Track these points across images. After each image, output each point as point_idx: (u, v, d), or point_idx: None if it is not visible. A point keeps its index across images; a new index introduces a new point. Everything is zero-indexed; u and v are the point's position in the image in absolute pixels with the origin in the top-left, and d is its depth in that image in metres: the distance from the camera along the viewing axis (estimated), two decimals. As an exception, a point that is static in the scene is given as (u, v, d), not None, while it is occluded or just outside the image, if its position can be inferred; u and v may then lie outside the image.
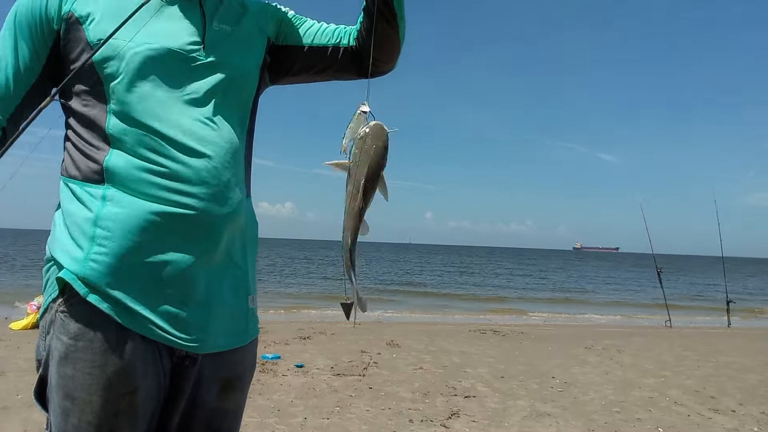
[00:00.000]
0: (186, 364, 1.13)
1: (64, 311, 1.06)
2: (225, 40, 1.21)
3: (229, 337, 1.18)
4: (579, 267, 52.30)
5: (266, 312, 12.49)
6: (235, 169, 1.17)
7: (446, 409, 4.26)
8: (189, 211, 1.08)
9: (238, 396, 1.23)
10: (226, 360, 1.18)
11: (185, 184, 1.09)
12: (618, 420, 4.17)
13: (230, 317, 1.18)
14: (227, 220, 1.14)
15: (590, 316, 14.40)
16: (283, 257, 47.74)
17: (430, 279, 26.37)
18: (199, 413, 1.17)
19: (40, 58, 1.13)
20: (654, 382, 5.49)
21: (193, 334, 1.10)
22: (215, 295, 1.14)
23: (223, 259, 1.16)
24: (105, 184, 1.08)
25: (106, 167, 1.09)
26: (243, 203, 1.20)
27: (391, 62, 1.33)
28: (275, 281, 22.51)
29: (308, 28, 1.35)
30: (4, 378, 4.66)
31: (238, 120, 1.22)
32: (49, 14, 1.12)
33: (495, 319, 12.03)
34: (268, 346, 6.50)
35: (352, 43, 1.33)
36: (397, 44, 1.29)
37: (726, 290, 12.16)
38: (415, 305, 15.59)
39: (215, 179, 1.12)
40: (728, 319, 11.71)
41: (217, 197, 1.12)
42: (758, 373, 6.08)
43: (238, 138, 1.20)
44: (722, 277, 12.75)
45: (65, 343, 1.05)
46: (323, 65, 1.35)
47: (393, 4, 1.23)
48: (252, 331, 1.25)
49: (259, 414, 3.93)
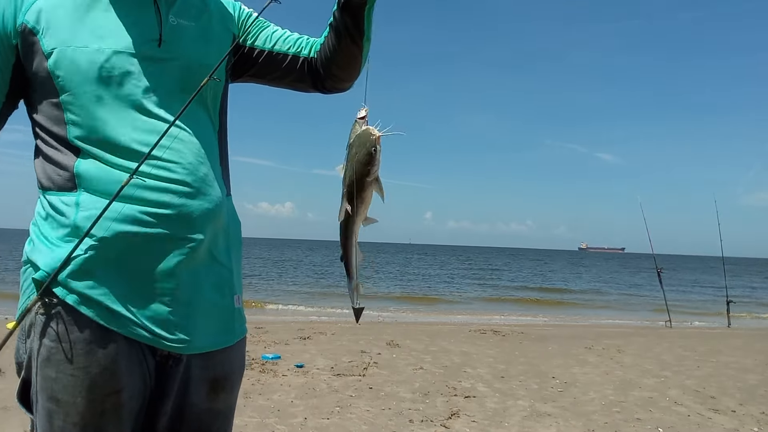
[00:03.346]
0: (170, 363, 1.11)
1: (43, 313, 1.05)
2: (184, 35, 1.17)
3: (214, 337, 1.16)
4: (581, 267, 52.30)
5: (266, 312, 12.49)
6: (209, 168, 1.16)
7: (446, 409, 4.26)
8: (166, 210, 1.07)
9: (228, 396, 1.22)
10: (214, 360, 1.17)
11: (160, 182, 1.08)
12: (618, 420, 4.17)
13: (215, 317, 1.16)
14: (207, 217, 1.13)
15: (590, 316, 14.41)
16: (283, 257, 47.72)
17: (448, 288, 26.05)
18: (189, 415, 1.16)
19: (4, 75, 1.11)
20: (654, 382, 5.49)
21: (176, 335, 1.09)
22: (198, 294, 1.13)
23: (206, 258, 1.15)
24: (78, 191, 1.07)
25: (76, 173, 1.08)
26: (223, 202, 1.18)
27: (350, 81, 1.30)
28: (275, 281, 22.51)
29: (271, 33, 1.32)
30: (3, 378, 4.65)
31: (207, 118, 1.20)
32: (7, 29, 1.09)
33: (495, 319, 12.04)
34: (268, 346, 6.50)
35: (312, 55, 1.30)
36: (358, 63, 1.26)
37: (726, 290, 12.17)
38: (415, 305, 15.60)
39: (190, 177, 1.11)
40: (728, 319, 11.71)
41: (194, 195, 1.11)
42: (758, 373, 6.08)
43: (208, 136, 1.18)
44: (722, 277, 12.76)
45: (47, 345, 1.04)
46: (280, 73, 1.32)
47: (362, 24, 1.19)
48: (239, 330, 1.23)
49: (259, 414, 3.93)
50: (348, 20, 1.19)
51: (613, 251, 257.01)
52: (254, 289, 18.69)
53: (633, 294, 22.55)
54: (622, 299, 20.36)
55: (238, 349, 1.24)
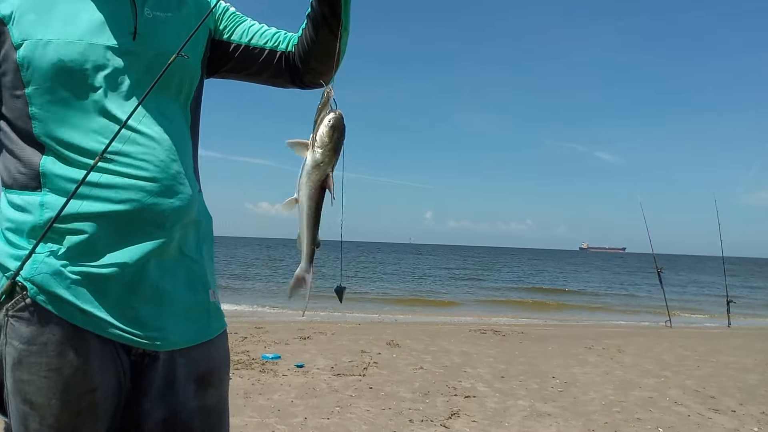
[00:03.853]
0: (145, 362, 1.10)
1: (14, 316, 1.03)
2: (160, 28, 1.15)
3: (190, 333, 1.15)
4: (581, 267, 52.29)
5: (266, 312, 12.48)
6: (182, 163, 1.14)
7: (446, 409, 4.26)
8: (134, 206, 1.06)
9: (216, 392, 1.20)
10: (196, 357, 1.15)
11: (131, 180, 1.06)
12: (618, 420, 4.17)
13: (190, 313, 1.15)
14: (177, 215, 1.11)
15: (590, 316, 14.40)
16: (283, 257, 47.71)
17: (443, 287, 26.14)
18: (181, 415, 1.14)
19: None
20: (654, 382, 5.49)
21: (149, 332, 1.08)
22: (169, 290, 1.11)
23: (176, 254, 1.13)
24: (42, 190, 1.05)
25: (41, 172, 1.05)
26: (195, 198, 1.16)
27: (328, 74, 1.25)
28: (275, 281, 22.51)
29: (248, 27, 1.30)
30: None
31: (180, 112, 1.18)
32: None
33: (495, 319, 12.04)
34: (268, 346, 6.51)
35: (290, 49, 1.27)
36: (336, 56, 1.22)
37: (726, 290, 12.17)
38: (415, 305, 15.60)
39: (161, 174, 1.09)
40: (728, 319, 11.71)
41: (165, 193, 1.09)
42: (758, 373, 6.08)
43: (181, 132, 1.17)
44: (722, 277, 12.76)
45: (18, 348, 1.02)
46: (257, 68, 1.30)
47: (340, 13, 1.16)
48: (216, 325, 1.21)
49: (259, 414, 3.93)
50: (325, 9, 1.17)
51: (614, 251, 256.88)
52: (254, 289, 18.70)
53: (633, 294, 22.54)
54: (622, 299, 20.35)
55: (219, 343, 1.22)
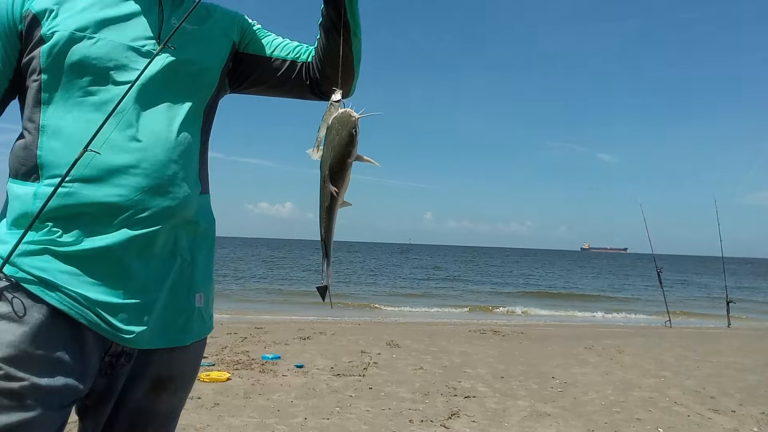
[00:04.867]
0: (122, 362, 1.10)
1: None
2: (182, 37, 1.19)
3: (166, 334, 1.14)
4: (581, 267, 52.28)
5: (266, 312, 12.48)
6: (181, 166, 1.14)
7: (446, 409, 4.26)
8: (120, 200, 1.06)
9: (171, 398, 1.19)
10: (160, 358, 1.15)
11: (120, 174, 1.07)
12: (618, 420, 4.17)
13: (170, 314, 1.14)
14: (166, 214, 1.11)
15: (590, 316, 14.40)
16: (283, 257, 47.71)
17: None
18: (123, 410, 1.14)
19: (12, 61, 1.12)
20: (654, 382, 5.49)
21: (126, 326, 1.07)
22: (153, 290, 1.11)
23: (165, 253, 1.13)
24: (39, 181, 1.07)
25: (40, 164, 1.07)
26: (193, 198, 1.17)
27: (347, 83, 1.28)
28: (274, 281, 22.50)
29: (271, 41, 1.35)
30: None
31: (192, 116, 1.20)
32: (15, 15, 1.10)
33: (495, 319, 12.04)
34: (268, 346, 6.51)
35: (309, 60, 1.32)
36: (350, 62, 1.25)
37: (726, 290, 12.18)
38: (415, 305, 15.59)
39: (156, 172, 1.10)
40: (728, 319, 11.71)
41: (156, 192, 1.10)
42: (758, 373, 6.08)
43: (189, 134, 1.18)
44: (722, 277, 12.76)
45: None
46: (279, 80, 1.34)
47: (347, 17, 1.20)
48: (196, 331, 1.20)
49: (259, 414, 3.93)
50: (332, 13, 1.20)
51: (616, 251, 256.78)
52: (254, 289, 18.69)
53: (633, 294, 22.54)
54: (622, 299, 20.35)
55: (193, 351, 1.21)
